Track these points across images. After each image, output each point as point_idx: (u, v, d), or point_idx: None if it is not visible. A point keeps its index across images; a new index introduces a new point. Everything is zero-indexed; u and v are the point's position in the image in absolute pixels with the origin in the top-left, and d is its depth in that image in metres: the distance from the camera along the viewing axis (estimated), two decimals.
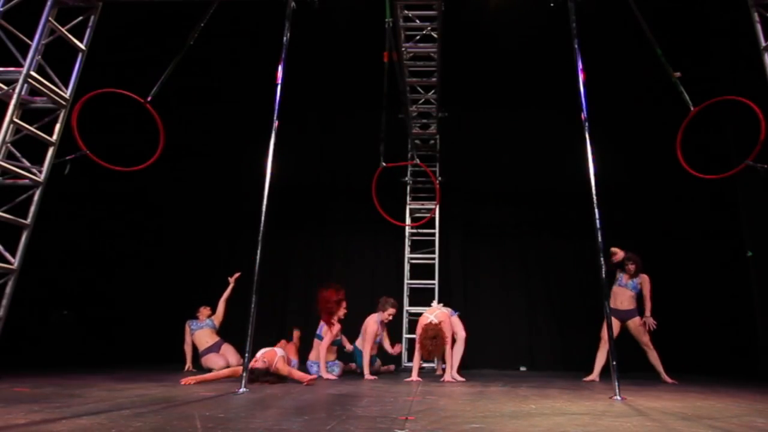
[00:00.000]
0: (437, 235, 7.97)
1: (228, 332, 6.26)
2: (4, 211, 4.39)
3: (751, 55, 4.72)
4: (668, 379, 5.41)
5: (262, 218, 4.26)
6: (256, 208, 4.31)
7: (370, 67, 6.15)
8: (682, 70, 4.70)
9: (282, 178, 4.68)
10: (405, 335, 7.48)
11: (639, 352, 5.97)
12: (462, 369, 5.70)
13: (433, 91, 7.28)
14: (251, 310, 4.03)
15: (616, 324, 5.51)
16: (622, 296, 5.67)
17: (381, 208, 6.43)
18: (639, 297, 5.69)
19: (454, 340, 5.37)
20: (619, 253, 5.61)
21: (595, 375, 5.61)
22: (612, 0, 5.20)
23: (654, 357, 5.57)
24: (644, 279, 5.66)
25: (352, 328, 6.12)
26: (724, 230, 7.09)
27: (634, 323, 5.61)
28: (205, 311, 6.35)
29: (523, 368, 7.36)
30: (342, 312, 5.73)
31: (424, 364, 7.15)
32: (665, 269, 7.54)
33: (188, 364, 6.18)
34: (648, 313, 5.62)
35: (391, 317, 5.84)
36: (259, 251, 4.18)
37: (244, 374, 3.94)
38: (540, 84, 7.69)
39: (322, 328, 5.74)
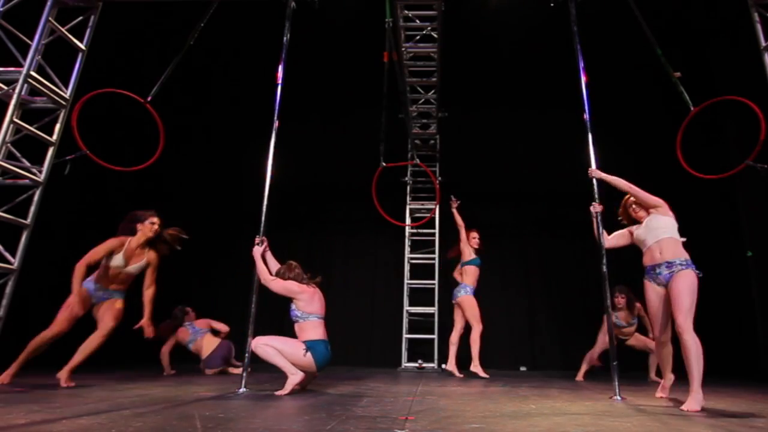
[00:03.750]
0: (437, 235, 7.96)
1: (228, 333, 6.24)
2: (4, 211, 4.39)
3: (751, 55, 4.72)
4: (655, 378, 5.44)
5: (263, 218, 4.27)
6: (256, 207, 4.32)
7: (370, 67, 6.14)
8: (681, 70, 4.70)
9: (282, 178, 4.67)
10: (405, 335, 7.48)
11: (638, 352, 6.00)
12: (462, 369, 5.73)
13: (433, 91, 7.28)
14: (251, 310, 4.04)
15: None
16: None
17: (381, 208, 6.42)
18: None
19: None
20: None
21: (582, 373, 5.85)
22: (612, 0, 5.20)
23: (654, 359, 5.63)
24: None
25: (352, 328, 6.09)
26: (724, 230, 7.08)
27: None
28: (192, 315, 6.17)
29: (523, 368, 7.36)
30: None
31: (424, 364, 7.16)
32: None
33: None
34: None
35: None
36: None
37: (244, 374, 3.94)
38: (540, 84, 7.69)
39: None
